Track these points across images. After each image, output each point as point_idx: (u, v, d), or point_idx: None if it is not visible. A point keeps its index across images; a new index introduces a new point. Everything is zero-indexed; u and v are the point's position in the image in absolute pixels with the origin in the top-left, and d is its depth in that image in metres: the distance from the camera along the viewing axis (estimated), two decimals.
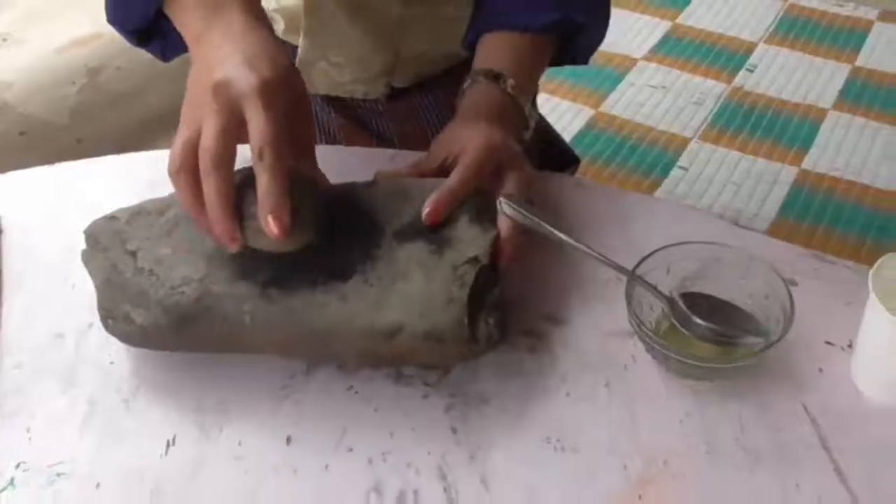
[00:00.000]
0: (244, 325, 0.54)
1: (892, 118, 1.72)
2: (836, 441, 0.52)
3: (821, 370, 0.56)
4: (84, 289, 0.61)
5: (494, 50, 0.71)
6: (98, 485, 0.52)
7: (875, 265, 0.53)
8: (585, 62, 0.80)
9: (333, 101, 0.87)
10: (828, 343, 0.58)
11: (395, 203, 0.59)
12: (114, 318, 0.56)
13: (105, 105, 1.55)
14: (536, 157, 0.90)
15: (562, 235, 0.58)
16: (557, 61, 0.77)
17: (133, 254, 0.58)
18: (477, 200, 0.59)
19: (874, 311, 0.52)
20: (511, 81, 0.67)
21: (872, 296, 0.52)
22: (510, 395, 0.56)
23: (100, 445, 0.54)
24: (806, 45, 1.96)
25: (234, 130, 0.52)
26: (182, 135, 0.54)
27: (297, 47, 0.83)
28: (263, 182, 0.51)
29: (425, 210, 0.57)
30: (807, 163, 1.63)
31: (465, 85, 0.69)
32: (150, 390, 0.57)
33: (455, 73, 0.83)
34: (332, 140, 0.88)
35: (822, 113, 1.75)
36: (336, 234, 0.57)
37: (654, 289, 0.57)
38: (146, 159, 0.77)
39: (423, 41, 0.83)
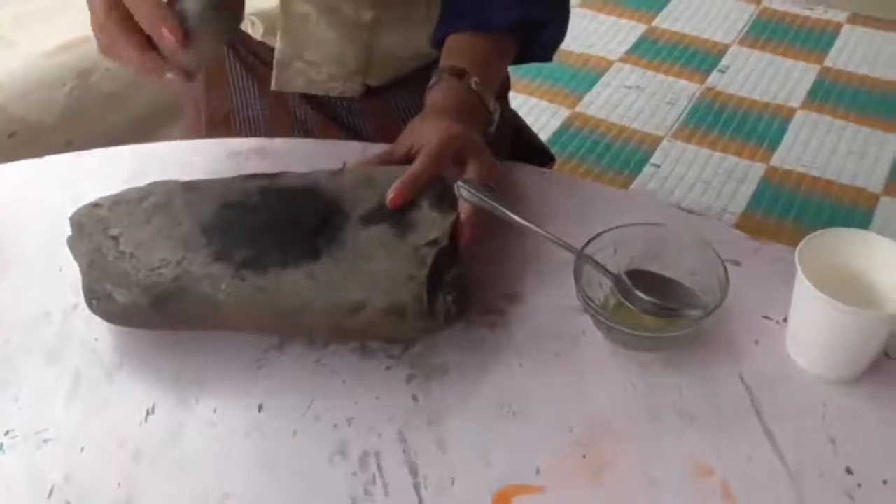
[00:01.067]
0: (220, 304, 0.58)
1: (858, 117, 1.78)
2: (766, 407, 0.57)
3: (757, 342, 0.61)
4: (69, 272, 0.64)
5: (459, 48, 0.75)
6: (82, 449, 0.55)
7: (800, 244, 0.57)
8: (549, 59, 0.84)
9: (310, 99, 0.90)
10: (765, 318, 0.62)
11: (361, 190, 0.63)
12: (98, 298, 0.60)
13: (95, 106, 1.58)
14: (507, 150, 0.94)
15: (516, 217, 0.62)
16: (521, 58, 0.81)
17: (115, 238, 0.62)
18: (438, 187, 0.63)
19: (801, 286, 0.56)
20: (475, 78, 0.71)
21: (800, 272, 0.56)
22: (468, 367, 0.60)
23: (84, 414, 0.57)
24: (777, 46, 2.01)
25: None
26: (94, 16, 0.64)
27: (274, 51, 0.87)
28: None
29: (389, 195, 0.61)
30: (775, 160, 1.68)
31: (432, 82, 0.73)
32: (131, 365, 0.61)
33: (429, 71, 0.87)
34: (308, 136, 0.92)
35: (791, 112, 1.81)
36: (305, 217, 0.61)
37: (601, 267, 0.61)
38: (128, 152, 0.80)
39: (396, 42, 0.86)
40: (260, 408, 0.57)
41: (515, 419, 0.56)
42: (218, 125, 0.94)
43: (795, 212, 1.55)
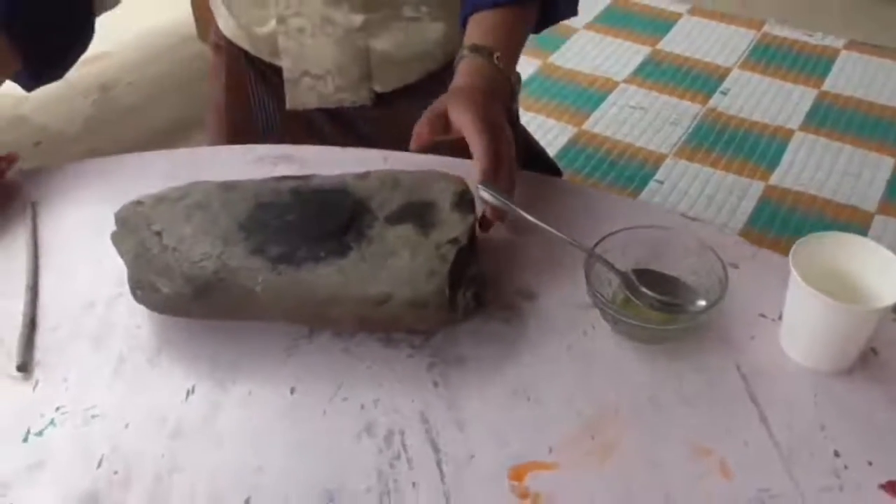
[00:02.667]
0: (256, 295, 0.62)
1: (853, 139, 1.83)
2: (761, 395, 0.61)
3: (753, 337, 0.65)
4: (110, 266, 0.69)
5: (481, 26, 0.78)
6: (127, 425, 0.60)
7: (795, 245, 0.62)
8: (575, 13, 0.86)
9: (326, 111, 0.95)
10: (761, 315, 0.67)
11: (387, 191, 0.68)
12: (142, 288, 0.64)
13: (117, 118, 1.64)
14: (519, 164, 0.99)
15: (531, 218, 0.67)
16: (545, 21, 0.84)
17: (158, 234, 0.66)
18: (458, 189, 0.68)
19: (795, 284, 0.61)
20: (497, 54, 0.75)
21: (793, 270, 0.61)
22: (484, 357, 0.64)
23: (128, 393, 0.62)
24: (776, 70, 2.07)
25: None
26: None
27: (276, 69, 0.91)
28: None
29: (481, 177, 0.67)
30: (774, 179, 1.73)
31: (457, 60, 0.77)
32: (172, 350, 0.65)
33: (436, 78, 0.92)
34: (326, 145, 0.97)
35: (790, 133, 1.86)
36: (334, 216, 0.66)
37: (610, 265, 0.65)
38: (164, 156, 0.85)
39: (392, 43, 0.90)
40: (292, 390, 0.62)
41: (529, 404, 0.61)
42: (240, 136, 0.98)
43: (793, 228, 1.59)
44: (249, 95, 0.98)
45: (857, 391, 0.61)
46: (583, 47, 2.20)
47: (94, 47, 1.65)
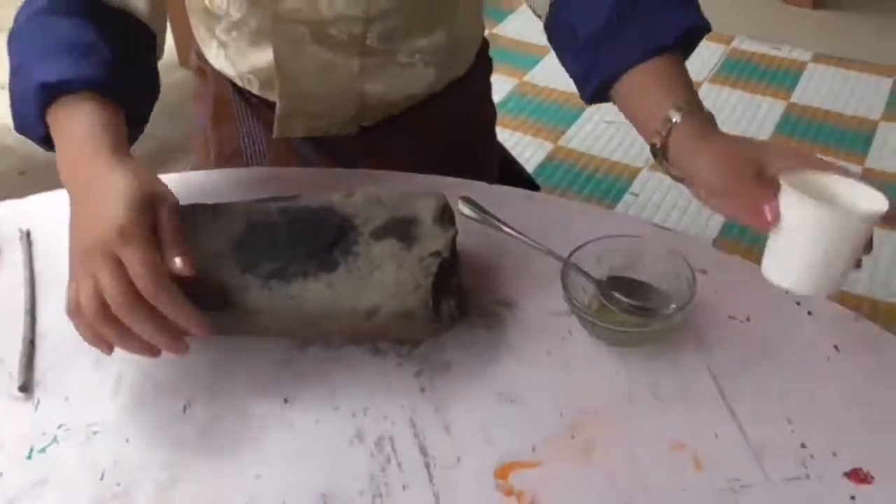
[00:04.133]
0: (249, 310, 0.65)
1: (822, 149, 1.89)
2: (730, 391, 0.65)
3: (722, 338, 0.69)
4: None
5: (653, 82, 0.68)
6: (127, 440, 0.62)
7: (783, 174, 0.61)
8: (710, 30, 0.74)
9: (311, 138, 0.98)
10: (730, 317, 0.71)
11: (371, 208, 0.71)
12: None
13: None
14: (495, 178, 1.03)
15: (510, 230, 0.71)
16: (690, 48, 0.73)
17: None
18: (439, 204, 0.71)
19: (784, 197, 0.61)
20: (697, 103, 0.67)
21: (786, 186, 0.60)
22: (469, 363, 0.67)
23: (127, 409, 0.65)
24: (746, 83, 2.13)
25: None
26: (82, 283, 0.59)
27: (275, 102, 0.92)
28: (169, 312, 0.58)
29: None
30: None
31: (676, 120, 0.66)
32: (168, 367, 0.68)
33: (416, 109, 0.95)
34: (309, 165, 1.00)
35: None
36: (322, 233, 0.69)
37: (585, 273, 0.69)
38: None
39: (384, 85, 0.92)
40: (286, 400, 0.65)
41: (512, 406, 0.64)
42: (226, 161, 1.00)
43: (765, 238, 1.64)
44: (236, 119, 1.01)
45: (821, 388, 0.65)
46: (557, 65, 2.24)
47: None
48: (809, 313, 0.71)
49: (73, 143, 0.65)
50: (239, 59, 0.93)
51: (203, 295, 0.65)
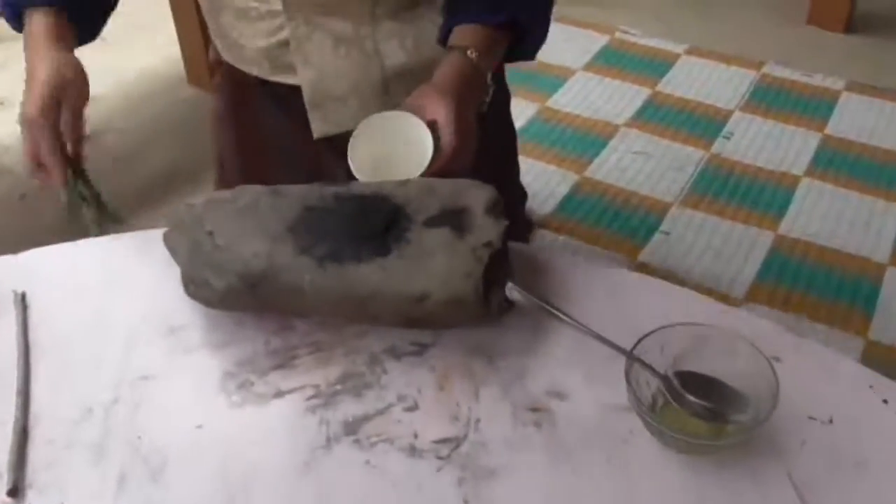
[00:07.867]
0: (303, 290, 0.65)
1: (860, 186, 1.80)
2: None
3: (804, 442, 0.61)
4: (109, 361, 0.64)
5: (460, 34, 0.86)
6: None
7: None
8: (533, 58, 0.94)
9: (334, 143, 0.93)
10: (810, 418, 0.63)
11: (424, 197, 0.70)
12: (195, 283, 0.68)
13: (105, 167, 1.59)
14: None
15: (565, 317, 0.63)
16: (510, 56, 0.90)
17: (210, 233, 0.69)
18: (491, 196, 0.70)
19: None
20: (475, 53, 0.83)
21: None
22: (517, 470, 0.59)
23: None
24: (778, 113, 2.05)
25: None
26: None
27: (294, 87, 0.91)
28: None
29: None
30: (782, 228, 1.69)
31: (472, 55, 0.83)
32: (177, 464, 0.60)
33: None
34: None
35: (796, 179, 1.83)
36: (375, 219, 0.68)
37: (650, 368, 0.61)
38: (160, 235, 0.81)
39: (403, 53, 0.91)
40: None
41: None
42: (246, 151, 1.02)
43: (804, 282, 1.56)
44: (255, 110, 1.00)
45: None
46: (581, 89, 2.17)
47: None
48: None
49: (26, 39, 0.86)
50: (250, 42, 0.93)
51: (258, 273, 0.65)
